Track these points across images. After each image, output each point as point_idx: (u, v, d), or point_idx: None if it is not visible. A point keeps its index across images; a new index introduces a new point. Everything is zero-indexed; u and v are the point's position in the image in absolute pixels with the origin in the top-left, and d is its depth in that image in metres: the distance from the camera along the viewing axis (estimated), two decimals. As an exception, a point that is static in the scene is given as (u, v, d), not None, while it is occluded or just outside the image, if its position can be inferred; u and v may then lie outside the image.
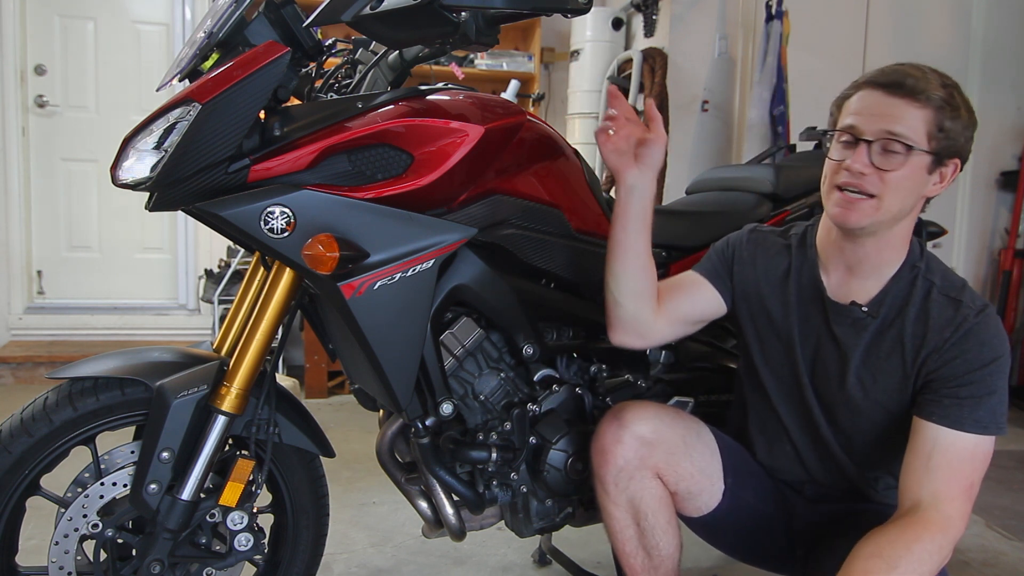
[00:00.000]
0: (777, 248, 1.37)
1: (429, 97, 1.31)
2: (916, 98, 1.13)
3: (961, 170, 1.21)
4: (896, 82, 1.14)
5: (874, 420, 1.26)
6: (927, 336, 1.19)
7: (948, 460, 1.12)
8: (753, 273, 1.37)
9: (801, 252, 1.34)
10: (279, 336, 1.37)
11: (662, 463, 1.30)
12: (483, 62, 4.01)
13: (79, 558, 1.29)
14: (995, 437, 1.15)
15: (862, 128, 1.15)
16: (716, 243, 1.44)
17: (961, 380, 1.15)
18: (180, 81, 1.26)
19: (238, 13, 1.20)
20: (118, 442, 1.34)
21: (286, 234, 1.16)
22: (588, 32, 3.84)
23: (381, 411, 1.63)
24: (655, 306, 1.33)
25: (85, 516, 1.27)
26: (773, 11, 3.50)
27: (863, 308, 1.24)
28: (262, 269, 1.44)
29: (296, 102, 1.31)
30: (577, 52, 3.91)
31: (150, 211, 1.21)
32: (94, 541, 1.29)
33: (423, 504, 1.48)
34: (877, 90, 1.16)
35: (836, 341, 1.27)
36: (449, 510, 1.43)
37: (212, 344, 1.48)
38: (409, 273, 1.22)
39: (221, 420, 1.26)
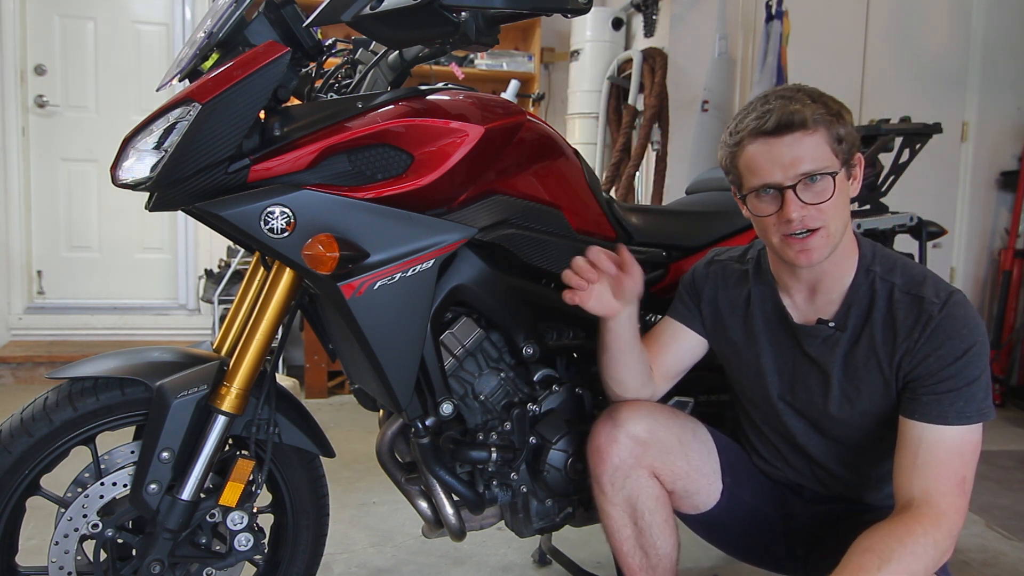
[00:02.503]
0: (736, 277, 1.38)
1: (429, 97, 1.31)
2: (806, 128, 1.14)
3: (863, 163, 1.23)
4: (783, 124, 1.14)
5: (867, 428, 1.26)
6: (897, 340, 1.18)
7: (936, 456, 1.12)
8: (717, 307, 1.38)
9: (759, 278, 1.35)
10: (279, 336, 1.37)
11: (657, 462, 1.30)
12: (483, 62, 4.01)
13: (79, 558, 1.29)
14: (982, 424, 1.14)
15: (778, 180, 1.16)
16: (683, 279, 1.45)
17: (938, 376, 1.14)
18: (180, 81, 1.26)
19: (238, 13, 1.20)
20: (118, 442, 1.34)
21: (286, 234, 1.16)
22: (588, 32, 3.84)
23: (381, 411, 1.63)
24: (653, 379, 1.38)
25: (85, 516, 1.27)
26: (773, 11, 3.50)
27: (830, 324, 1.24)
28: (262, 269, 1.44)
29: (296, 102, 1.31)
30: (577, 52, 3.91)
31: (150, 211, 1.22)
32: (94, 541, 1.29)
33: (423, 504, 1.48)
34: (766, 139, 1.16)
35: (813, 362, 1.27)
36: (449, 510, 1.43)
37: (212, 344, 1.48)
38: (409, 273, 1.22)
39: (221, 420, 1.26)
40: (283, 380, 3.35)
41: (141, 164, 1.15)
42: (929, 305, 1.16)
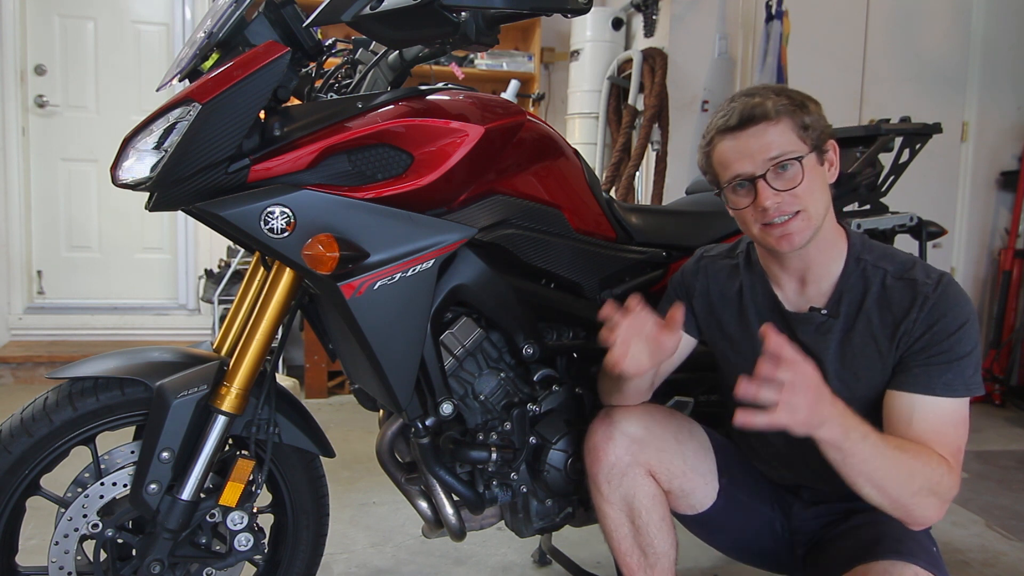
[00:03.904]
0: (727, 271, 1.38)
1: (429, 97, 1.31)
2: (768, 119, 1.17)
3: (836, 148, 1.25)
4: (745, 118, 1.18)
5: (865, 416, 1.26)
6: (894, 323, 1.20)
7: (931, 425, 1.14)
8: (709, 302, 1.39)
9: (749, 269, 1.35)
10: (279, 336, 1.37)
11: (654, 460, 1.30)
12: (483, 62, 4.01)
13: (79, 558, 1.29)
14: (968, 400, 1.16)
15: (748, 170, 1.18)
16: (672, 280, 1.46)
17: (931, 351, 1.16)
18: (180, 81, 1.26)
19: (238, 13, 1.20)
20: (118, 442, 1.35)
21: (286, 234, 1.16)
22: (588, 32, 3.84)
23: (381, 411, 1.63)
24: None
25: (85, 516, 1.27)
26: (773, 11, 3.50)
27: (822, 311, 1.25)
28: (262, 269, 1.44)
29: (296, 102, 1.31)
30: (577, 52, 3.91)
31: (150, 211, 1.22)
32: (94, 541, 1.29)
33: (423, 504, 1.48)
34: (733, 134, 1.20)
35: (806, 349, 1.27)
36: (449, 510, 1.43)
37: (212, 344, 1.48)
38: (409, 273, 1.22)
39: (221, 420, 1.26)
40: (283, 380, 3.35)
41: (141, 164, 1.15)
42: (923, 286, 1.19)
